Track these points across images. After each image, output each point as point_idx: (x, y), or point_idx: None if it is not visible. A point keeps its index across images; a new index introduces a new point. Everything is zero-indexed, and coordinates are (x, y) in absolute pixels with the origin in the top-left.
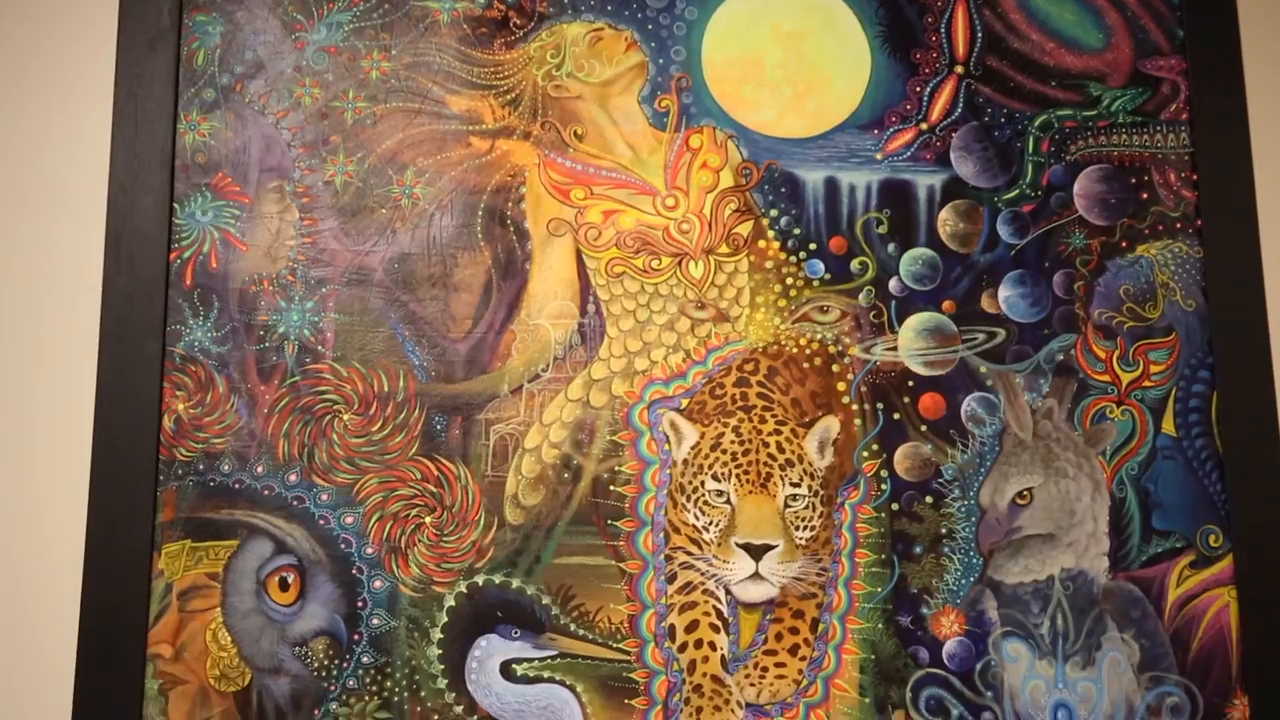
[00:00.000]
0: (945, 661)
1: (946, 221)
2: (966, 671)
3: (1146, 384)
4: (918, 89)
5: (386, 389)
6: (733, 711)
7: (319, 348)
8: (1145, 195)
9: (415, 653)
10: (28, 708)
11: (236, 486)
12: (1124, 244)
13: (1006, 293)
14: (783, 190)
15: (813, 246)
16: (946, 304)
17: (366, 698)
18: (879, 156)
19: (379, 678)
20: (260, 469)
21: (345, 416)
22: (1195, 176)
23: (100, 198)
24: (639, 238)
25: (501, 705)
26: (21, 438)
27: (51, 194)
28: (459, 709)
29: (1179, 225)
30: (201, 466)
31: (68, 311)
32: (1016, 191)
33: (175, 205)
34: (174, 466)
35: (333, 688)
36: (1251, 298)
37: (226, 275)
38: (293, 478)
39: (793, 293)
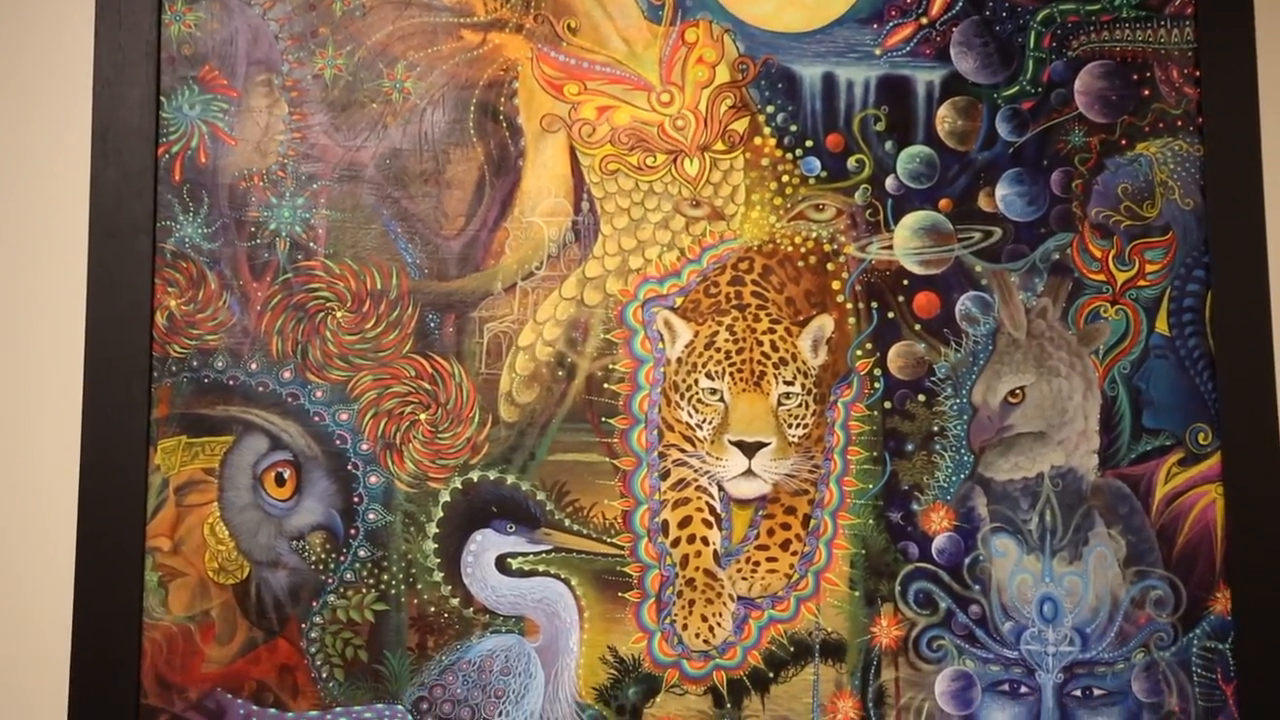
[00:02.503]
0: (934, 556)
1: (945, 118)
2: (955, 566)
3: (1141, 283)
4: None
5: (379, 286)
6: (725, 604)
7: (311, 245)
8: (1146, 92)
9: (411, 547)
10: (29, 600)
11: (231, 383)
12: (1123, 142)
13: (1004, 191)
14: (779, 86)
15: (809, 144)
16: (943, 202)
17: (364, 590)
18: (878, 52)
19: (376, 571)
20: (254, 366)
21: (338, 314)
22: (1198, 73)
23: (85, 92)
24: (633, 134)
25: (497, 598)
26: (13, 333)
27: (35, 88)
28: (455, 601)
29: (1180, 123)
30: (195, 363)
31: (56, 207)
32: (1016, 88)
33: (162, 99)
34: (168, 363)
35: (330, 580)
36: (1250, 197)
37: (216, 171)
38: (287, 374)
39: (788, 190)
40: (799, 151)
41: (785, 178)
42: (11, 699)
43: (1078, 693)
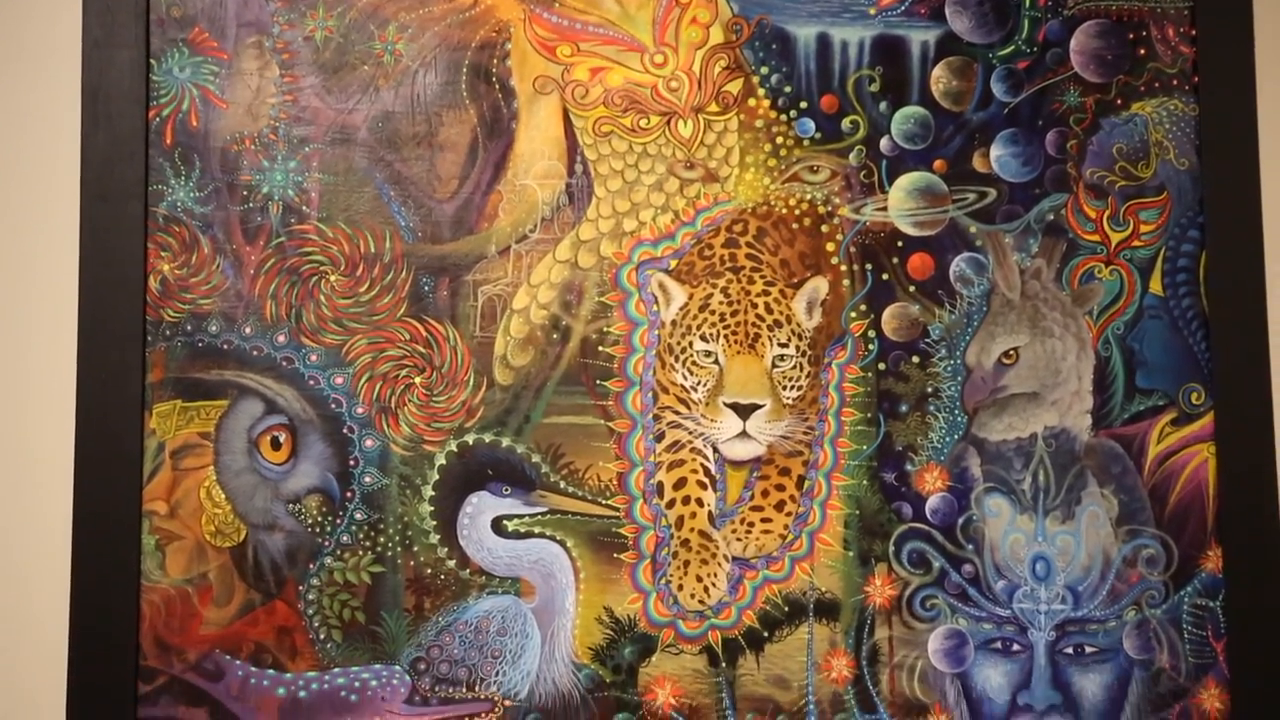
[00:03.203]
0: (928, 516)
1: (940, 79)
2: (948, 526)
3: (1136, 244)
4: None
5: (373, 250)
6: (720, 565)
7: (304, 208)
8: (1142, 51)
9: (407, 509)
10: (27, 563)
11: (225, 347)
12: (1119, 101)
13: (998, 152)
14: (773, 47)
15: (803, 105)
16: (938, 163)
17: (360, 552)
18: (872, 12)
19: (372, 533)
20: (248, 330)
21: (332, 277)
22: (1194, 32)
23: (74, 53)
24: (627, 96)
25: (493, 560)
26: (7, 299)
27: (23, 50)
28: (451, 563)
29: (1175, 82)
30: (189, 327)
31: (47, 170)
32: (1012, 48)
33: (152, 61)
34: (161, 327)
35: (327, 543)
36: (1245, 157)
37: (207, 134)
38: (281, 338)
39: (783, 152)
40: (793, 113)
41: (779, 139)
42: (11, 661)
43: (1069, 650)
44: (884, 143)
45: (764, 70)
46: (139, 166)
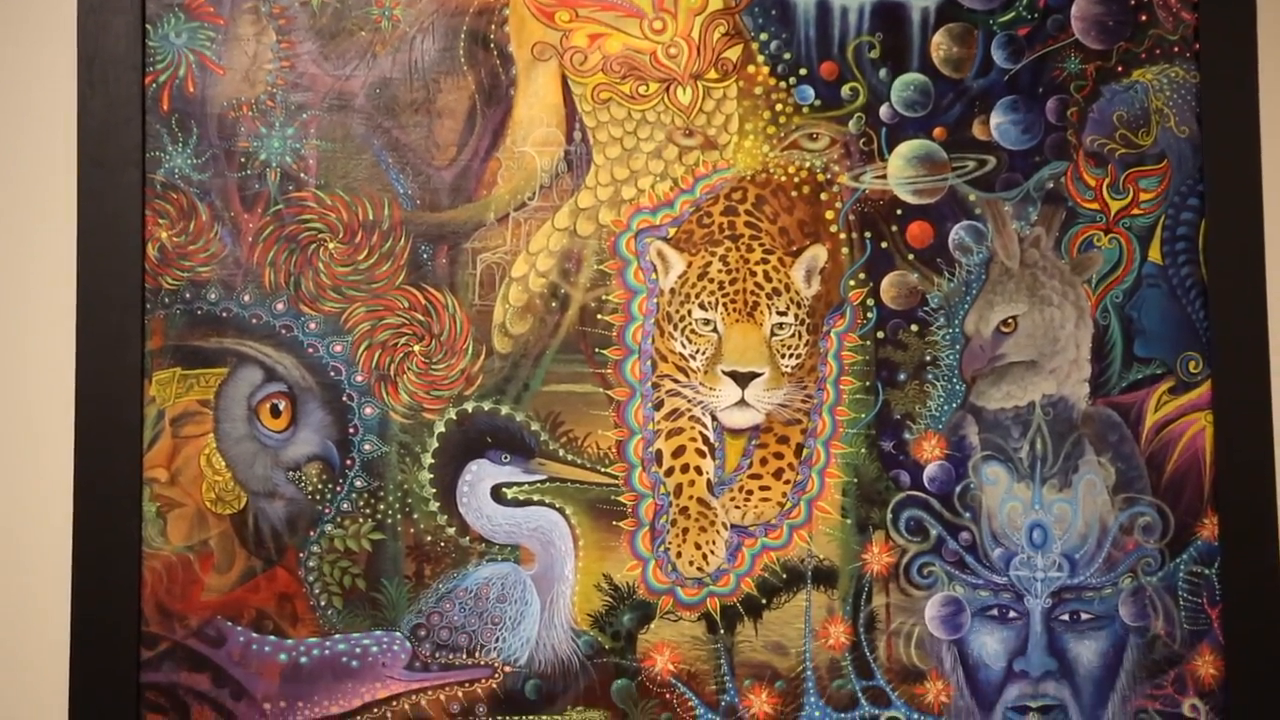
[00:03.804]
0: (925, 484)
1: (940, 45)
2: (946, 494)
3: (1135, 212)
4: None
5: (371, 217)
6: (718, 532)
7: (302, 175)
8: (1144, 17)
9: (407, 477)
10: (28, 530)
11: (224, 315)
12: (1120, 69)
13: (998, 119)
14: (773, 13)
15: (803, 72)
16: (937, 131)
17: (360, 520)
18: None
19: (372, 501)
20: (247, 297)
21: (331, 245)
22: None
23: (70, 19)
24: (625, 62)
25: (493, 527)
26: (5, 265)
27: (19, 15)
28: (451, 531)
29: (1176, 49)
30: (188, 295)
31: (44, 136)
32: (1012, 14)
33: (148, 27)
34: (160, 295)
35: (327, 510)
36: (1246, 125)
37: (204, 100)
38: (280, 306)
39: (782, 119)
40: (792, 80)
41: (779, 106)
42: (14, 627)
43: (1065, 617)
44: (884, 110)
45: (763, 37)
46: (136, 133)
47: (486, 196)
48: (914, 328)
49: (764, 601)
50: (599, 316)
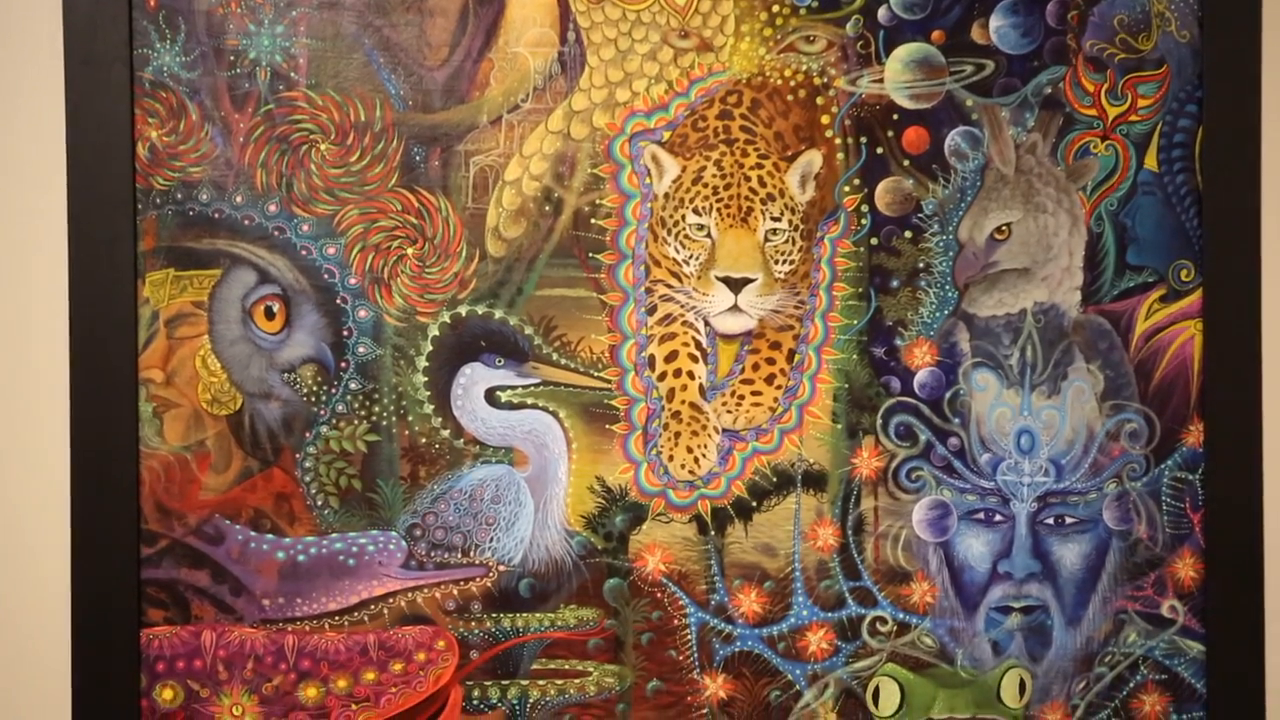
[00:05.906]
0: (916, 390)
1: None
2: (936, 400)
3: (1133, 118)
4: None
5: (363, 118)
6: (710, 436)
7: (292, 74)
8: None
9: (402, 380)
10: (24, 429)
11: (216, 216)
12: None
13: (998, 23)
14: None
15: None
16: (936, 34)
17: (356, 422)
18: None
19: (367, 403)
20: (239, 199)
21: (323, 146)
22: None
23: None
24: None
25: (487, 430)
26: None
27: None
28: (445, 433)
29: None
30: (180, 195)
31: (29, 33)
32: None
33: None
34: (151, 195)
35: (323, 412)
36: (1247, 29)
37: None
38: (272, 208)
39: (779, 21)
40: None
41: (775, 8)
42: (16, 525)
43: (1050, 521)
44: (882, 12)
45: None
46: (123, 29)
47: (479, 98)
48: (908, 234)
49: (754, 504)
50: (593, 221)
